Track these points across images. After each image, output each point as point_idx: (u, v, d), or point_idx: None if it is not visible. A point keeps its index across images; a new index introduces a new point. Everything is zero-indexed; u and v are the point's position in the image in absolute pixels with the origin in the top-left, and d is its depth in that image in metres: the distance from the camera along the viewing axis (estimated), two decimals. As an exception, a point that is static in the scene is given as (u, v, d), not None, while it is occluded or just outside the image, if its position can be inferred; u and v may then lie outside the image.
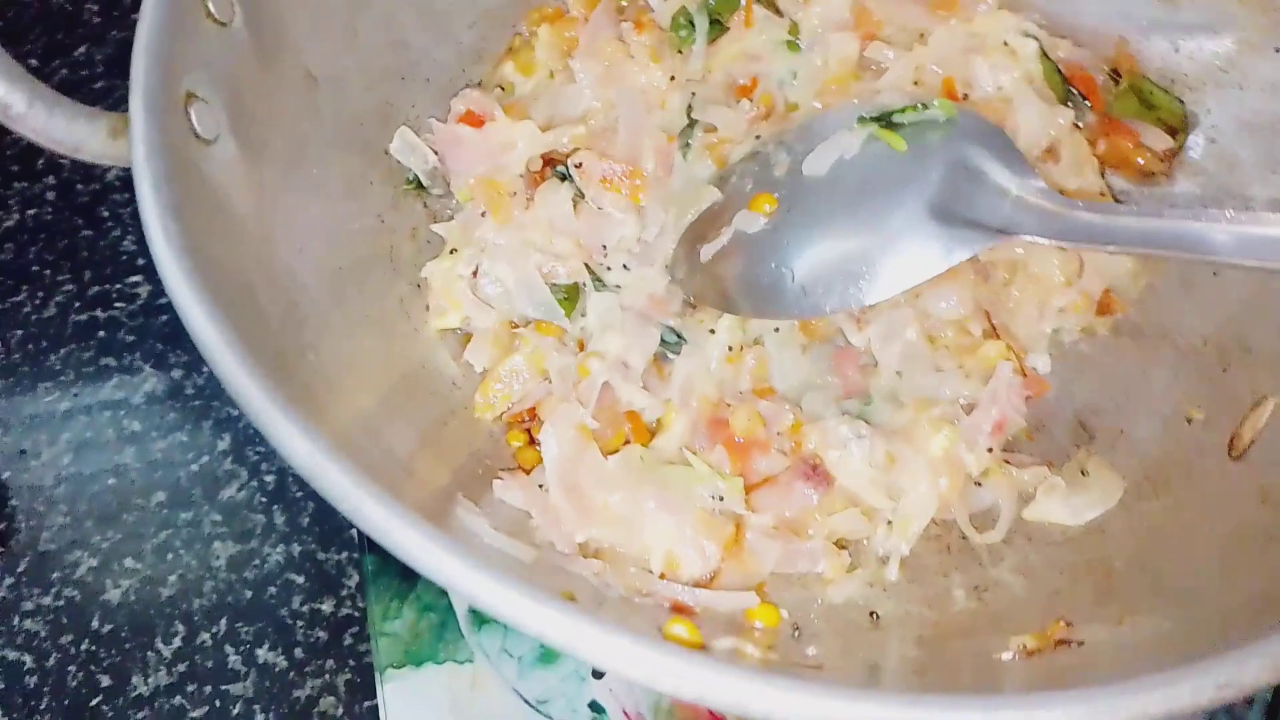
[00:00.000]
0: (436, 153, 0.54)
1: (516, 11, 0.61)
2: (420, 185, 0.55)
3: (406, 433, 0.43)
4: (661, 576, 0.44)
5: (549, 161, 0.55)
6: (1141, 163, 0.58)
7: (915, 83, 0.57)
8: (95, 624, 0.60)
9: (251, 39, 0.45)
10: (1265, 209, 0.55)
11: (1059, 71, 0.58)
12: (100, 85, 0.76)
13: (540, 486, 0.46)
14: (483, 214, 0.52)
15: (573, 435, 0.46)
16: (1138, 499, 0.49)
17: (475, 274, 0.52)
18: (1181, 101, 0.58)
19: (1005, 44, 0.58)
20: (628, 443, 0.49)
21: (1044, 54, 0.58)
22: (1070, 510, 0.50)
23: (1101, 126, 0.58)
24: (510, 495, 0.45)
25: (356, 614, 0.58)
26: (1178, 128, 0.58)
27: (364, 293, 0.48)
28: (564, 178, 0.54)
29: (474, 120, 0.53)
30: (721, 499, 0.47)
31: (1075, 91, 0.59)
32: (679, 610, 0.42)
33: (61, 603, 0.60)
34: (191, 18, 0.41)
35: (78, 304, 0.69)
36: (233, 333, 0.33)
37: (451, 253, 0.52)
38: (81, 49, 0.78)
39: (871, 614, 0.46)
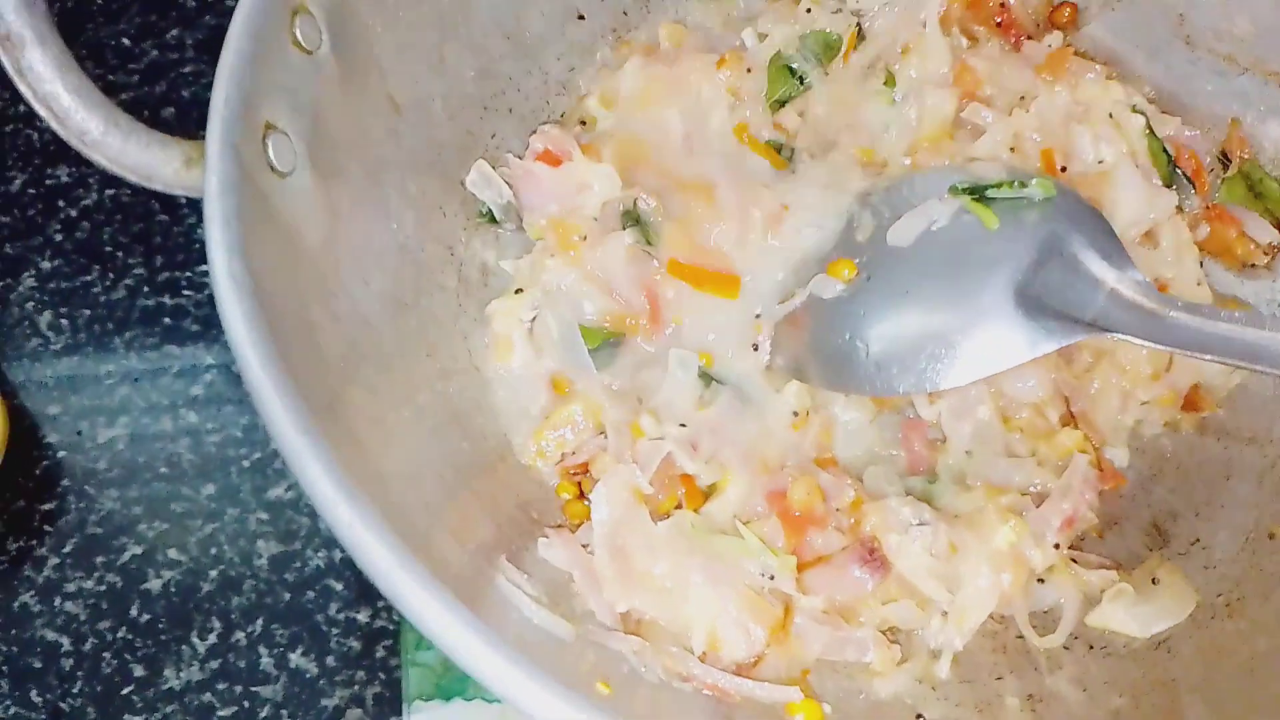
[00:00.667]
0: (512, 187, 0.53)
1: (607, 45, 0.59)
2: (494, 219, 0.54)
3: (454, 478, 0.43)
4: (703, 656, 0.43)
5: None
6: (1242, 253, 0.55)
7: (1012, 149, 0.55)
8: (134, 612, 0.60)
9: (336, 65, 0.44)
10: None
11: (1165, 150, 0.56)
12: (189, 70, 0.77)
13: (585, 547, 0.45)
14: (552, 256, 0.51)
15: (625, 498, 0.45)
16: (1210, 617, 0.47)
17: (535, 319, 0.51)
18: (1295, 193, 0.55)
19: (1110, 116, 0.55)
20: (680, 506, 0.47)
21: (1150, 130, 0.55)
22: (1137, 620, 0.47)
23: (1205, 212, 0.55)
24: (554, 555, 0.44)
25: (391, 626, 0.58)
26: (1289, 221, 0.55)
27: (427, 328, 0.48)
28: (637, 221, 0.53)
29: (551, 159, 0.52)
30: (772, 577, 0.45)
31: (1180, 173, 0.56)
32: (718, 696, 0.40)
33: (104, 588, 0.60)
34: (277, 46, 0.40)
35: (146, 288, 0.70)
36: (287, 384, 0.32)
37: (517, 292, 0.51)
38: (174, 31, 0.78)
39: (918, 716, 0.44)
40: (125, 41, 0.78)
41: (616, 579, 0.43)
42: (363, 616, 0.58)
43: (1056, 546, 0.49)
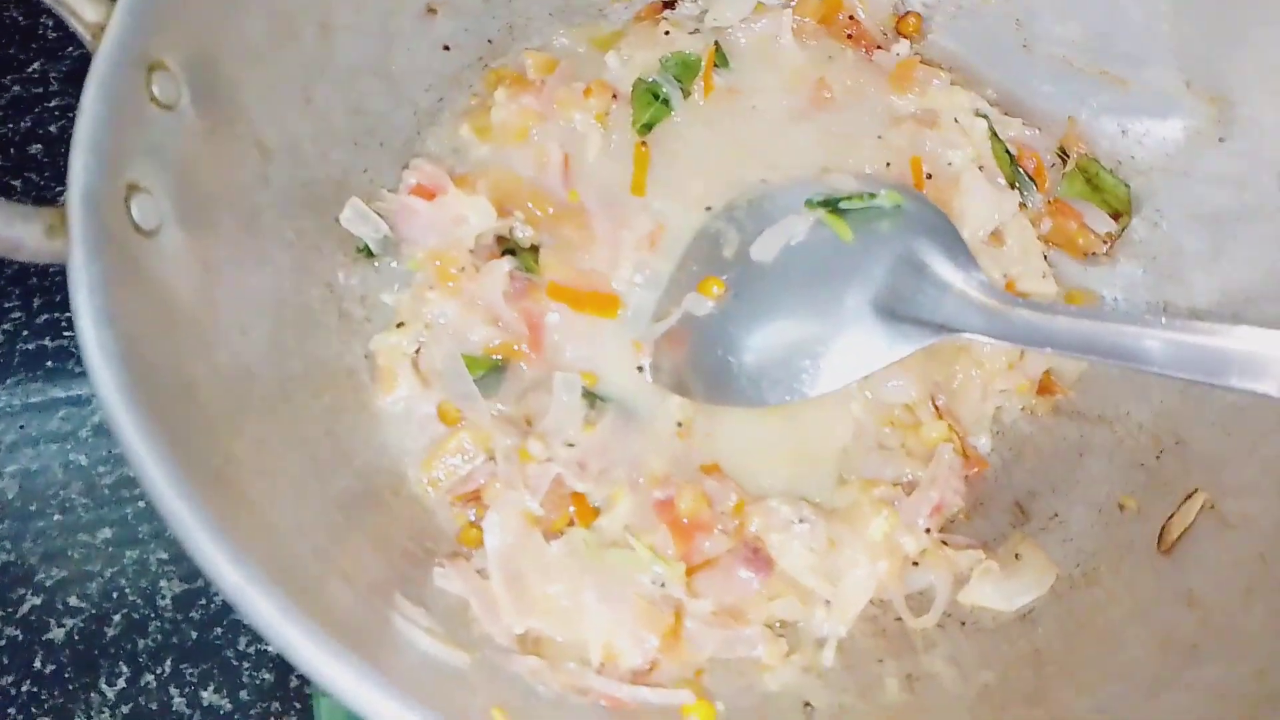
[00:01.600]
0: (389, 221, 0.54)
1: (475, 74, 0.60)
2: (371, 253, 0.55)
3: (346, 519, 0.44)
4: (600, 668, 0.45)
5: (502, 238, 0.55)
6: (1083, 243, 0.59)
7: (888, 163, 0.58)
8: (38, 664, 0.60)
9: (199, 117, 0.44)
10: (1205, 297, 0.56)
11: (1008, 151, 0.59)
12: (55, 104, 0.75)
13: (481, 573, 0.46)
14: (431, 288, 0.52)
15: (516, 523, 0.46)
16: (1069, 588, 0.50)
17: (419, 351, 0.52)
18: (1127, 185, 0.59)
19: (956, 121, 0.58)
20: (572, 524, 0.49)
21: (994, 133, 0.59)
22: (1002, 595, 0.51)
23: (1048, 207, 0.59)
24: (450, 584, 0.45)
25: (302, 657, 0.58)
26: (1122, 211, 0.59)
27: (311, 369, 0.48)
28: (514, 250, 0.54)
29: (425, 193, 0.53)
30: (663, 585, 0.47)
31: (1023, 172, 0.59)
32: (614, 706, 0.42)
33: (3, 642, 0.60)
34: (134, 105, 0.40)
35: (25, 332, 0.68)
36: (164, 450, 0.33)
37: (399, 326, 0.52)
38: (36, 64, 0.77)
39: (805, 704, 0.46)
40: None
41: (512, 602, 0.44)
42: (272, 649, 0.59)
43: (928, 531, 0.52)
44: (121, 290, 0.37)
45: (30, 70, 0.77)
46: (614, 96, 0.58)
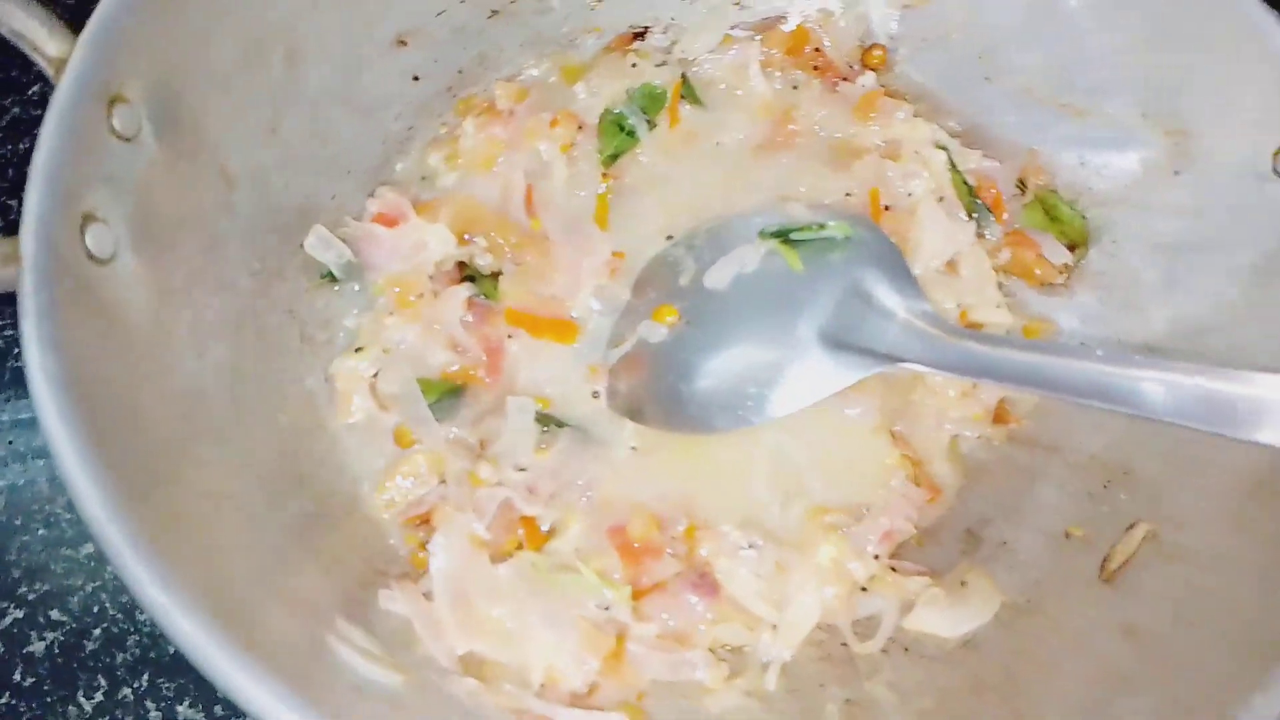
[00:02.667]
0: (353, 247, 0.55)
1: (444, 103, 0.62)
2: (334, 278, 0.56)
3: (294, 541, 0.45)
4: (540, 689, 0.46)
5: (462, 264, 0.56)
6: (1041, 274, 0.59)
7: (848, 194, 0.59)
8: (18, 677, 0.61)
9: (161, 148, 0.46)
10: (1160, 327, 0.56)
11: (967, 183, 0.60)
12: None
13: (426, 595, 0.47)
14: (391, 313, 0.53)
15: (462, 546, 0.47)
16: (1013, 616, 0.51)
17: (377, 375, 0.53)
18: (1084, 217, 0.59)
19: (917, 153, 0.59)
20: (521, 547, 0.50)
21: (953, 165, 0.60)
22: (947, 622, 0.51)
23: (1007, 237, 0.60)
24: (394, 605, 0.46)
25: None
26: (1079, 242, 0.59)
27: (268, 392, 0.50)
28: (472, 279, 0.55)
29: (388, 221, 0.54)
30: (608, 608, 0.48)
31: (982, 203, 0.60)
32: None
33: None
34: (94, 138, 0.42)
35: (16, 350, 0.70)
36: (100, 475, 0.34)
37: (358, 350, 0.53)
38: (36, 87, 0.79)
39: (747, 730, 0.47)
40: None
41: (456, 624, 0.45)
42: None
43: (877, 558, 0.53)
44: (71, 317, 0.38)
45: (30, 93, 0.78)
46: (580, 127, 0.59)
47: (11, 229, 0.67)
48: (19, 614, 0.62)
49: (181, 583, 0.33)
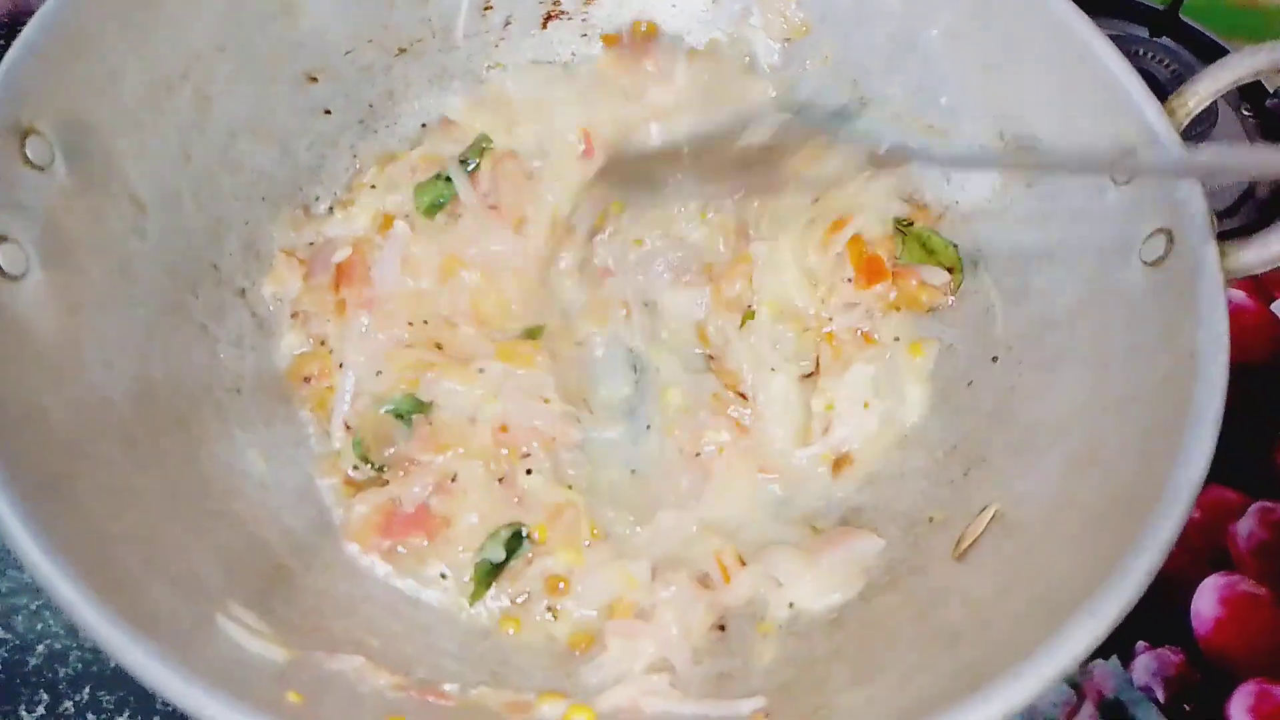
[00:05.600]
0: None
1: (356, 135, 0.66)
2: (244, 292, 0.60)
3: (198, 536, 0.48)
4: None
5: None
6: (927, 299, 0.64)
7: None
8: None
9: (72, 176, 0.50)
10: (1019, 327, 0.61)
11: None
12: None
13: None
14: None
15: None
16: (875, 592, 0.55)
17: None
18: (955, 245, 0.64)
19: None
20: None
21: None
22: (820, 600, 0.56)
23: (894, 279, 0.65)
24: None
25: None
26: (954, 267, 0.64)
27: (177, 401, 0.53)
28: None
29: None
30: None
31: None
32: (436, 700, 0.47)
33: None
34: (5, 167, 0.46)
35: None
36: (3, 469, 0.38)
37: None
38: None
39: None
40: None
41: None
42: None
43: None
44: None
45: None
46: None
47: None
48: (-37, 634, 0.64)
49: (70, 556, 0.36)
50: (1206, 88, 0.55)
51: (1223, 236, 0.51)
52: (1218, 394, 0.46)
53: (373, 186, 0.65)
